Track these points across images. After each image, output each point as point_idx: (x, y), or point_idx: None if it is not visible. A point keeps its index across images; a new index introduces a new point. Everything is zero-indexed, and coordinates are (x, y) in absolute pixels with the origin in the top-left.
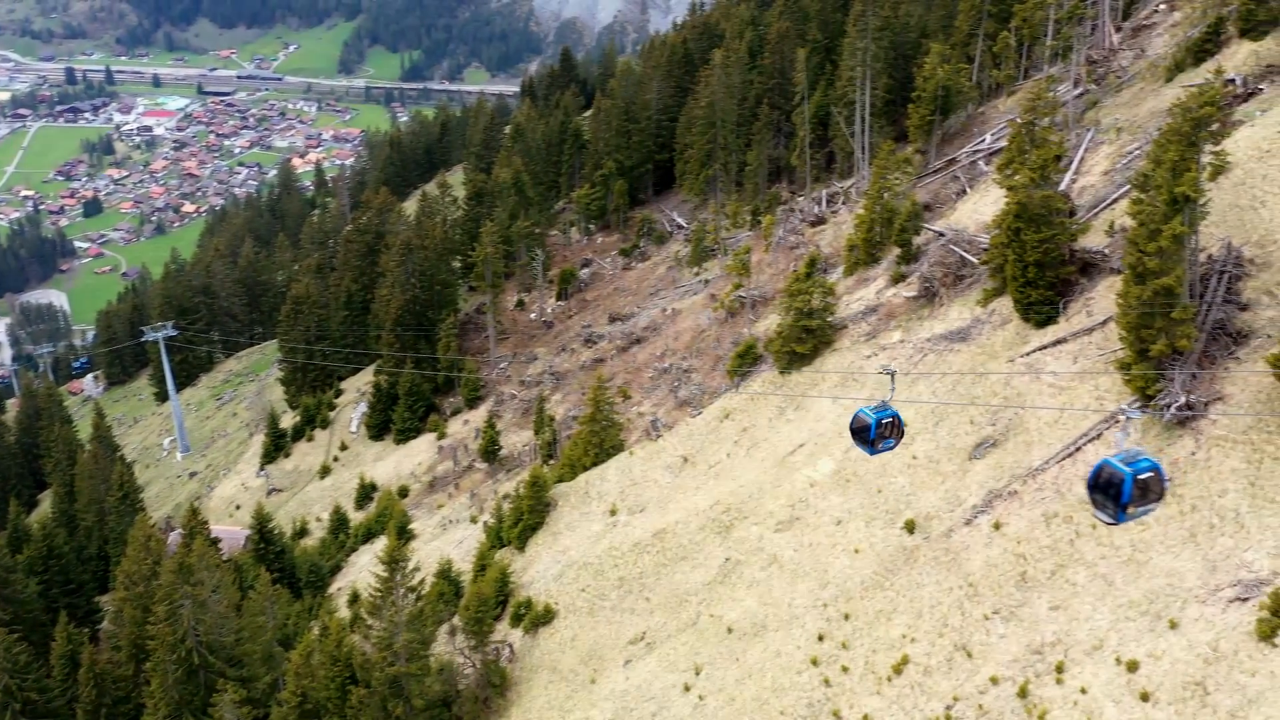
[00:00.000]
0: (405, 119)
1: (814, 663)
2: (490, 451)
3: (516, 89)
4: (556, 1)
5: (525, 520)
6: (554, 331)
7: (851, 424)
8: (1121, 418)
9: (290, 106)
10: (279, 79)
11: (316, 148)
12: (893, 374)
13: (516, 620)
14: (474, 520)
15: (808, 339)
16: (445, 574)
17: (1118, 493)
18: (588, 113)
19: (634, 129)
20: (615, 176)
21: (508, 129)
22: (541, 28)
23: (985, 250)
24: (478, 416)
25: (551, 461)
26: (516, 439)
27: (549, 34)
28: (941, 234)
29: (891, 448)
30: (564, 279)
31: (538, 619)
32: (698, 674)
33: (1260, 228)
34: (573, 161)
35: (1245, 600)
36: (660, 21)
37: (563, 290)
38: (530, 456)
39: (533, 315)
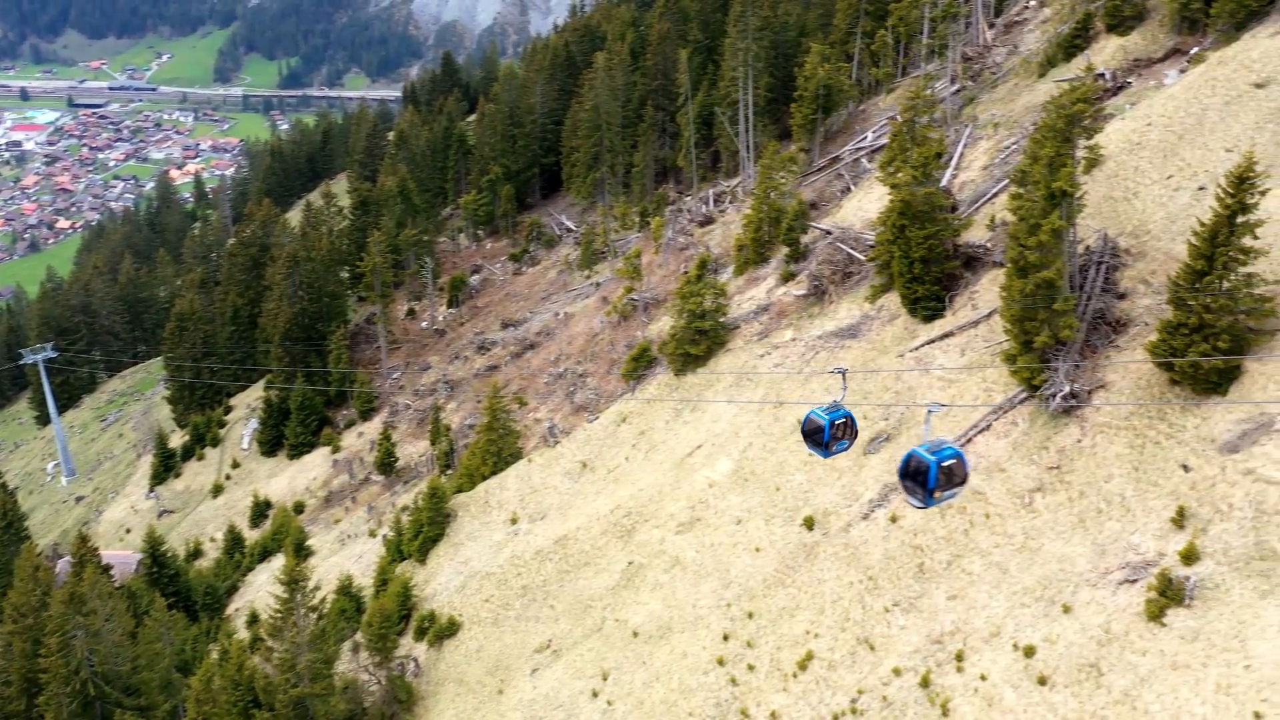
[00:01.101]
0: (285, 127)
1: (720, 662)
2: (386, 463)
3: (398, 94)
4: (435, 4)
5: (425, 532)
6: (446, 339)
7: (804, 426)
8: (927, 411)
9: (166, 117)
10: (153, 89)
11: (195, 159)
12: (844, 372)
13: (420, 634)
14: (373, 534)
15: (701, 340)
16: (346, 590)
17: (925, 479)
18: (472, 117)
19: (519, 133)
20: (502, 181)
21: (391, 135)
22: (421, 31)
23: (871, 247)
24: (372, 428)
25: (449, 471)
26: (413, 450)
27: (429, 37)
28: (828, 232)
29: (845, 449)
30: (454, 286)
31: (442, 631)
32: (605, 679)
33: (1134, 218)
34: (458, 167)
35: (1134, 582)
36: (540, 23)
37: (453, 297)
38: (428, 467)
39: (424, 324)
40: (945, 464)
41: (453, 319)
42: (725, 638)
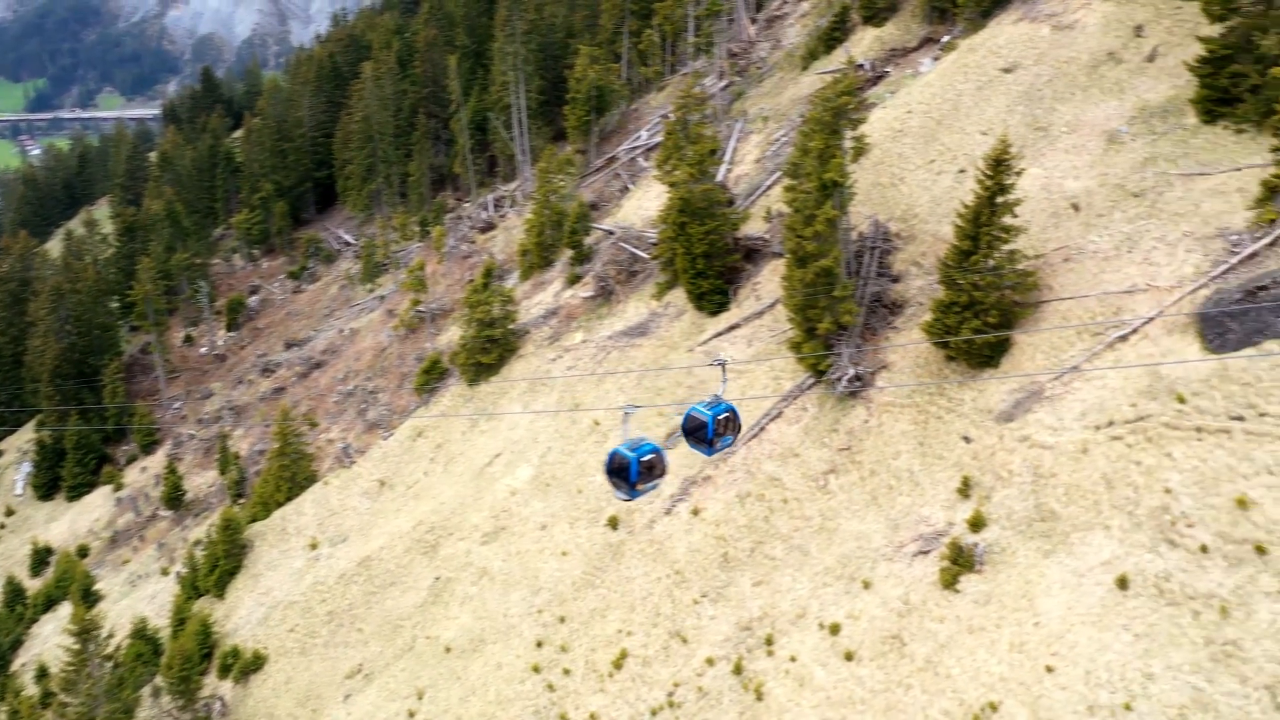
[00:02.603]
0: (37, 152)
1: (536, 670)
2: (174, 497)
3: (157, 112)
4: (189, 18)
5: (221, 565)
6: (228, 364)
7: (684, 425)
8: (624, 414)
9: None
10: None
11: None
12: (723, 364)
13: (225, 671)
14: (165, 572)
15: (492, 349)
16: (141, 633)
17: (627, 474)
18: (238, 133)
19: (289, 148)
20: (274, 198)
21: (153, 156)
22: (176, 46)
23: (654, 245)
24: (156, 462)
25: (242, 501)
26: (201, 481)
27: (185, 52)
28: (611, 232)
29: (730, 445)
30: (232, 308)
31: (247, 667)
32: (420, 698)
33: (901, 203)
34: (228, 186)
35: (927, 553)
36: (302, 33)
37: (232, 320)
38: (218, 498)
39: (203, 349)
40: (645, 459)
41: (233, 343)
42: (539, 644)
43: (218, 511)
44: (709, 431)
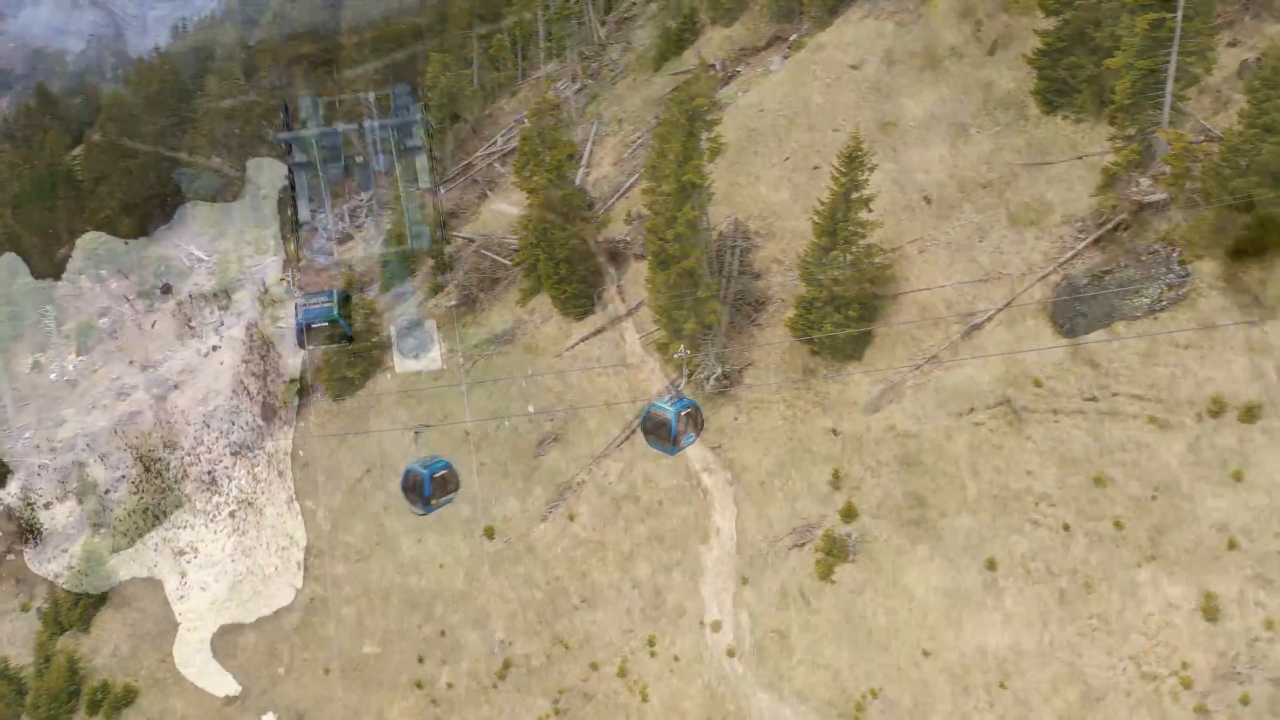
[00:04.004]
0: None
1: (418, 685)
2: (30, 531)
3: None
4: (19, 30)
5: (86, 598)
6: (80, 390)
7: (644, 423)
8: (415, 432)
9: None
10: None
11: None
12: (687, 357)
13: (94, 707)
14: (25, 608)
15: (357, 363)
16: (3, 674)
17: (421, 490)
18: (78, 149)
19: (134, 164)
20: (120, 215)
21: None
22: (5, 60)
23: (516, 251)
24: (9, 495)
25: (103, 530)
26: (59, 512)
27: (15, 66)
28: (471, 240)
29: (693, 442)
30: (82, 332)
31: (118, 701)
32: None
33: (759, 201)
34: (70, 204)
35: (803, 546)
36: (139, 43)
37: (83, 344)
38: (78, 528)
39: (53, 375)
40: (438, 475)
41: (85, 366)
42: (420, 659)
43: (78, 542)
44: (672, 429)
